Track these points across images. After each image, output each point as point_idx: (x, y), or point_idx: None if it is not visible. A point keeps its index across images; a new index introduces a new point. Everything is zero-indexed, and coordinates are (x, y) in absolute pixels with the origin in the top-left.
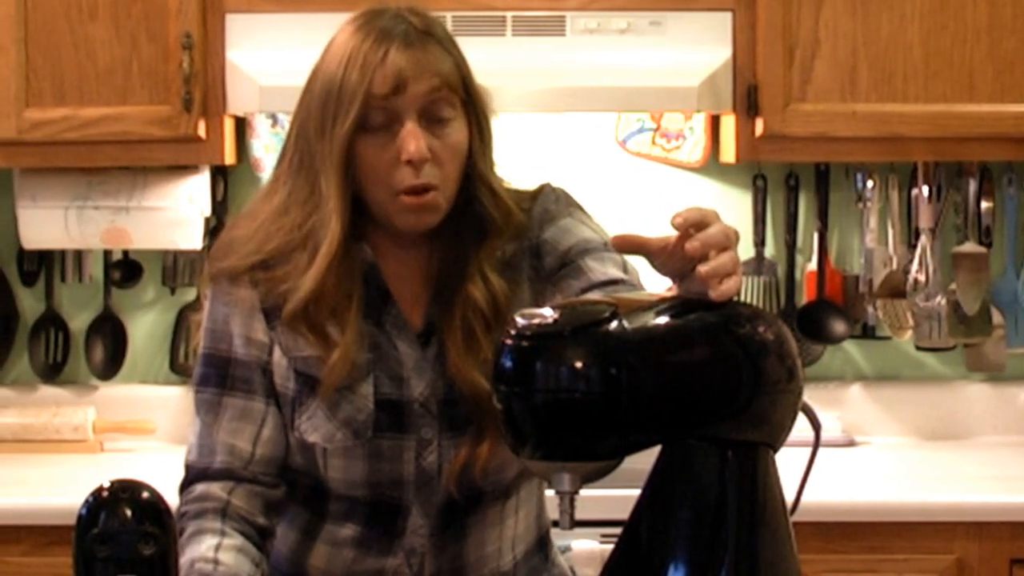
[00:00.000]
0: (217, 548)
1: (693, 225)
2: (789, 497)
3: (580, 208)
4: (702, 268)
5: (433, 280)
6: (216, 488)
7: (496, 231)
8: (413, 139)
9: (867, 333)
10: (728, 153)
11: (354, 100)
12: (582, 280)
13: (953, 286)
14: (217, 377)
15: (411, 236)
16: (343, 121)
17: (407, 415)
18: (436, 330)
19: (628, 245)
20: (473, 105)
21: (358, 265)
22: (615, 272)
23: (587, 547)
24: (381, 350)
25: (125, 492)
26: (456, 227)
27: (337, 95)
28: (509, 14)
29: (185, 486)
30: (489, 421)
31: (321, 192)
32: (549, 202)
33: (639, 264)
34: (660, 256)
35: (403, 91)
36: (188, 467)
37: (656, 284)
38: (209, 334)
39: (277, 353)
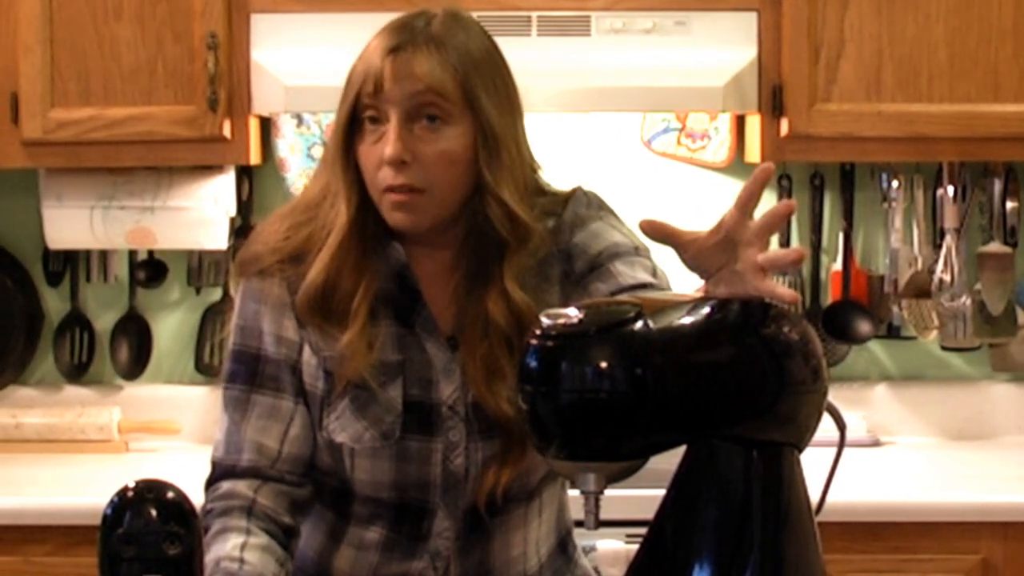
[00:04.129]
0: (243, 547)
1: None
2: (814, 497)
3: (611, 212)
4: (762, 257)
5: (461, 286)
6: (242, 486)
7: (511, 248)
8: (389, 140)
9: (892, 333)
10: (753, 153)
11: (348, 97)
12: (610, 283)
13: (978, 286)
14: (246, 374)
15: (435, 239)
16: (341, 115)
17: (435, 417)
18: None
19: (656, 231)
20: (478, 114)
21: (390, 264)
22: (644, 276)
23: (612, 547)
24: (411, 352)
25: (150, 492)
26: (478, 240)
27: (344, 92)
28: (534, 14)
29: (211, 483)
30: (514, 444)
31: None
32: (580, 206)
33: (668, 265)
34: (690, 250)
35: (381, 91)
36: (214, 464)
37: (685, 286)
38: (239, 331)
39: (307, 352)
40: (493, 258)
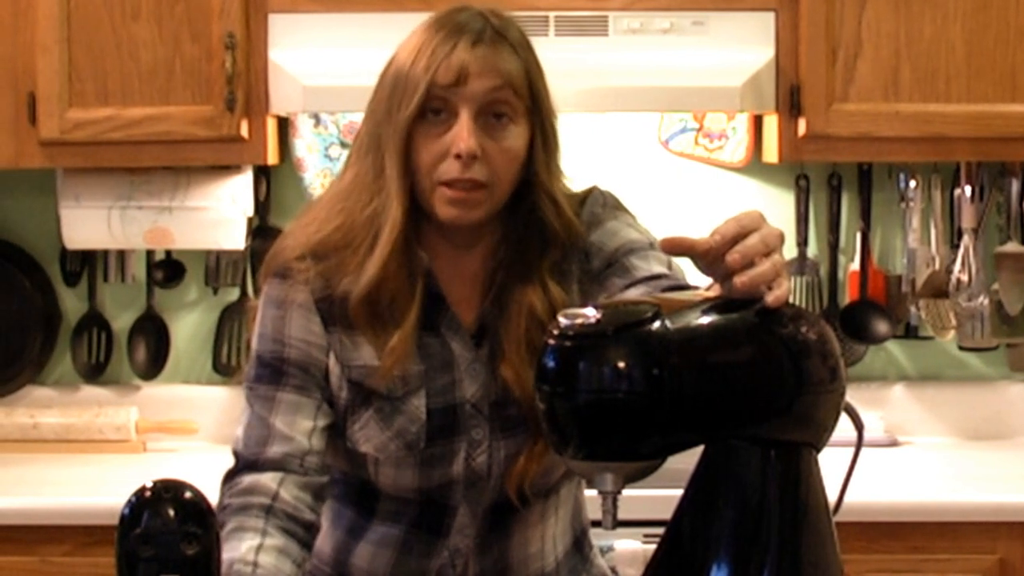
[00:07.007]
0: (258, 549)
1: (731, 240)
2: (832, 497)
3: (626, 211)
4: (737, 280)
5: (487, 283)
6: (266, 479)
7: (558, 242)
8: (465, 134)
9: (910, 333)
10: (771, 153)
11: (418, 88)
12: (626, 278)
13: (996, 286)
14: (271, 376)
15: (467, 239)
16: (406, 107)
17: (459, 417)
18: (490, 333)
19: (677, 247)
20: (538, 113)
21: (417, 268)
22: (659, 268)
23: (630, 547)
24: (433, 357)
25: (168, 492)
26: (521, 235)
27: (404, 82)
28: (552, 14)
29: (232, 475)
30: (540, 434)
31: (385, 174)
32: (596, 206)
33: (683, 262)
34: (705, 259)
35: (464, 84)
36: (237, 455)
37: (700, 279)
38: (262, 336)
39: (332, 359)
40: (534, 253)
